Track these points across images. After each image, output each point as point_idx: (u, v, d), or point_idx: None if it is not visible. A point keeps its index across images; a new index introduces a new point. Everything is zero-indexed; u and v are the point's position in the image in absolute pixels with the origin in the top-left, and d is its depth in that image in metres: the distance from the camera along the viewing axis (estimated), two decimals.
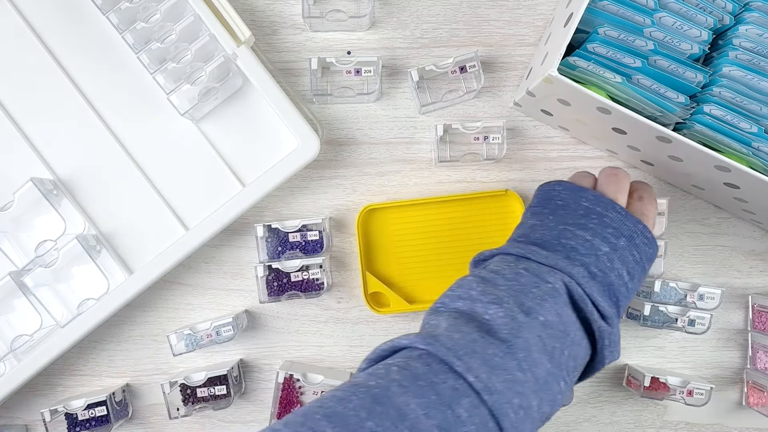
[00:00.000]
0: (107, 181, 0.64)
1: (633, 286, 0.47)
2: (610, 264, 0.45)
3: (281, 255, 0.64)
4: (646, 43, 0.54)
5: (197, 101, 0.61)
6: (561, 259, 0.45)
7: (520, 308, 0.41)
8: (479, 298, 0.42)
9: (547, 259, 0.45)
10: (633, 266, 0.46)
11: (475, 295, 0.42)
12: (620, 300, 0.46)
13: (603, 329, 0.44)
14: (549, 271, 0.44)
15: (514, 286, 0.43)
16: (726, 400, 0.66)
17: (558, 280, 0.43)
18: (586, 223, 0.47)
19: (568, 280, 0.44)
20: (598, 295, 0.44)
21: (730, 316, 0.66)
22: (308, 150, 0.62)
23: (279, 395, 0.62)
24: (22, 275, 0.60)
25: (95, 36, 0.64)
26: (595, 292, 0.44)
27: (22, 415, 0.66)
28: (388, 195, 0.66)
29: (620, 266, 0.46)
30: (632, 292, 0.47)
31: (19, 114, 0.64)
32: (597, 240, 0.46)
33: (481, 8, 0.66)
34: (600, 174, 0.52)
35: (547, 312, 0.41)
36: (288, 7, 0.66)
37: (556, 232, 0.47)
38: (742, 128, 0.53)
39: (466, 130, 0.64)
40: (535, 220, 0.50)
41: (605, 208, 0.47)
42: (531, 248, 0.46)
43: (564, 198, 0.49)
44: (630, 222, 0.47)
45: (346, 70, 0.64)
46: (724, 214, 0.67)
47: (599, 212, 0.47)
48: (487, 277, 0.44)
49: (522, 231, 0.50)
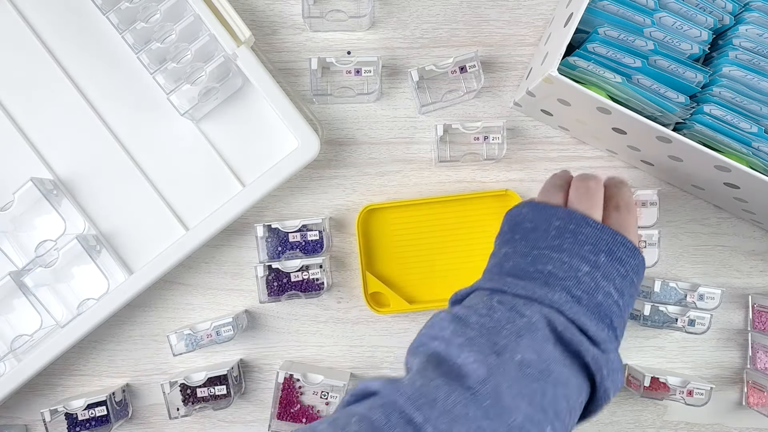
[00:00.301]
0: (107, 181, 0.64)
1: (625, 302, 0.43)
2: (594, 283, 0.41)
3: (281, 255, 0.64)
4: (646, 43, 0.54)
5: (197, 101, 0.61)
6: (539, 287, 0.41)
7: (493, 348, 0.37)
8: (451, 340, 0.39)
9: (524, 290, 0.41)
10: (620, 282, 0.42)
11: (447, 335, 0.39)
12: (614, 320, 0.42)
13: (597, 358, 0.39)
14: (525, 304, 0.40)
15: (487, 323, 0.39)
16: (726, 400, 0.66)
17: (536, 312, 0.40)
18: (561, 244, 0.43)
19: (548, 311, 0.40)
20: (586, 319, 0.40)
21: (730, 316, 0.66)
22: (308, 150, 0.62)
23: (279, 395, 0.62)
24: (22, 275, 0.60)
25: (95, 36, 0.64)
26: (582, 317, 0.40)
27: (22, 415, 0.66)
28: (388, 195, 0.66)
29: (606, 284, 0.41)
30: (626, 309, 0.43)
31: (19, 114, 0.64)
32: (575, 260, 0.42)
33: (481, 8, 0.66)
34: (571, 187, 0.48)
35: (524, 350, 0.38)
36: (288, 7, 0.66)
37: (530, 259, 0.43)
38: (742, 128, 0.53)
39: (466, 130, 0.64)
40: (507, 248, 0.46)
41: (579, 225, 0.43)
42: (505, 280, 0.43)
43: (533, 220, 0.46)
44: (607, 235, 0.43)
45: (346, 70, 0.64)
46: (724, 214, 0.67)
47: (573, 230, 0.43)
48: (459, 314, 0.41)
49: (495, 261, 0.46)
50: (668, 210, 0.66)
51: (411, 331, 0.66)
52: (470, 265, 0.65)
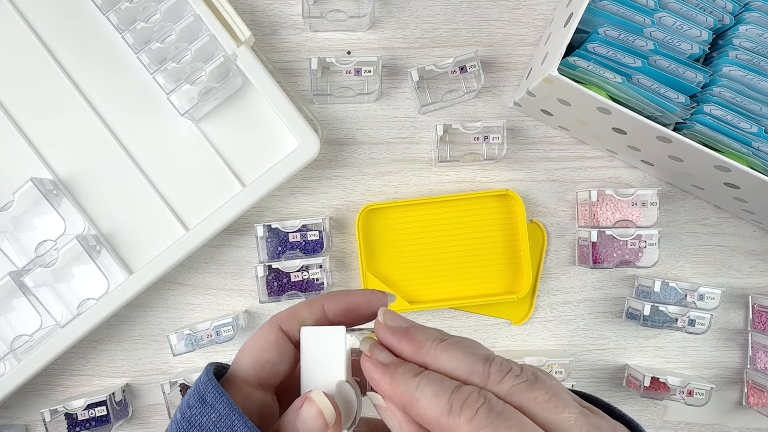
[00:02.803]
0: (107, 181, 0.64)
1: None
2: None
3: (281, 255, 0.64)
4: (646, 43, 0.54)
5: (197, 101, 0.61)
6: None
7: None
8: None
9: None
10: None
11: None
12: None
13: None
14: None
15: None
16: (726, 400, 0.66)
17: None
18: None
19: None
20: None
21: (731, 316, 0.66)
22: (308, 150, 0.62)
23: None
24: (22, 275, 0.60)
25: (95, 36, 0.64)
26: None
27: (22, 415, 0.66)
28: (388, 195, 0.66)
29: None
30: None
31: (19, 114, 0.64)
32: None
33: (481, 8, 0.66)
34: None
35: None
36: (288, 7, 0.66)
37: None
38: (743, 128, 0.53)
39: (466, 130, 0.64)
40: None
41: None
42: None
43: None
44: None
45: (346, 70, 0.64)
46: (724, 214, 0.67)
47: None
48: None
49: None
50: (668, 210, 0.66)
51: None
52: (470, 265, 0.65)
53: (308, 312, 0.31)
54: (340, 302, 0.32)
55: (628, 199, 0.64)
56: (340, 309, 0.32)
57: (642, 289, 0.65)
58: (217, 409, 0.27)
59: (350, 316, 0.32)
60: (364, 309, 0.32)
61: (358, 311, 0.32)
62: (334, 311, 0.32)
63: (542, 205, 0.67)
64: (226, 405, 0.27)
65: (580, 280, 0.66)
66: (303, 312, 0.31)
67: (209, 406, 0.28)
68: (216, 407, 0.27)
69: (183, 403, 0.29)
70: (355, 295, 0.32)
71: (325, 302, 0.32)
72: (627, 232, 0.63)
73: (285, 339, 0.31)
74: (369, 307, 0.32)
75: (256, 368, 0.30)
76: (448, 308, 0.66)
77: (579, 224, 0.66)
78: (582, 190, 0.65)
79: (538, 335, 0.66)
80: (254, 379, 0.30)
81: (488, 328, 0.66)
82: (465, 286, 0.65)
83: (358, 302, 0.32)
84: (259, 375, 0.30)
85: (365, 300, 0.32)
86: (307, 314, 0.31)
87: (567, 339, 0.66)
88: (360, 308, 0.32)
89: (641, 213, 0.64)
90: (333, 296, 0.32)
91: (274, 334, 0.31)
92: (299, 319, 0.31)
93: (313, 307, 0.31)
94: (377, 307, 0.32)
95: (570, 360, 0.62)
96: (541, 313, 0.66)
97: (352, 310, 0.32)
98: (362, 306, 0.32)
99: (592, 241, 0.63)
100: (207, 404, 0.28)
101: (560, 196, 0.67)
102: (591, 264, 0.63)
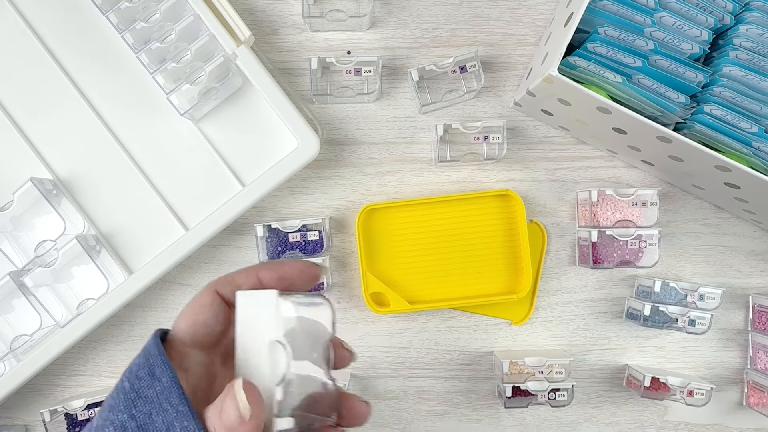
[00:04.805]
0: (107, 181, 0.64)
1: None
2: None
3: (281, 255, 0.64)
4: (646, 43, 0.54)
5: (197, 101, 0.61)
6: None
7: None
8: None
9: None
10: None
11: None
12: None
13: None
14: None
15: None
16: (726, 400, 0.66)
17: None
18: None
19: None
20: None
21: (731, 316, 0.66)
22: (308, 150, 0.61)
23: None
24: (22, 275, 0.60)
25: (95, 36, 0.64)
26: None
27: (22, 415, 0.66)
28: (388, 195, 0.66)
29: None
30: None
31: (19, 114, 0.64)
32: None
33: (481, 8, 0.66)
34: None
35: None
36: (288, 7, 0.66)
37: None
38: (743, 128, 0.53)
39: (466, 130, 0.64)
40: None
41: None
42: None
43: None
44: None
45: (346, 70, 0.64)
46: (724, 214, 0.66)
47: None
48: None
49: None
50: (668, 210, 0.66)
51: (411, 331, 0.66)
52: (470, 265, 0.65)
53: (244, 278, 0.33)
54: (274, 271, 0.33)
55: (629, 199, 0.64)
56: (274, 277, 0.33)
57: (642, 289, 0.65)
58: (162, 381, 0.29)
59: (283, 285, 0.33)
60: (296, 279, 0.34)
61: (291, 281, 0.33)
62: (268, 279, 0.33)
63: (542, 205, 0.67)
64: (170, 379, 0.29)
65: (581, 280, 0.66)
66: (239, 278, 0.33)
67: (156, 379, 0.29)
68: (162, 380, 0.29)
69: (132, 373, 0.30)
70: (288, 265, 0.34)
71: (260, 271, 0.33)
72: (627, 232, 0.63)
73: (220, 301, 0.32)
74: (301, 277, 0.34)
75: (191, 329, 0.32)
76: (448, 308, 0.66)
77: (579, 224, 0.66)
78: (582, 190, 0.65)
79: (538, 335, 0.66)
80: (190, 339, 0.32)
81: (488, 328, 0.66)
82: (465, 286, 0.65)
83: (291, 272, 0.34)
84: (194, 335, 0.32)
85: (297, 270, 0.34)
86: (242, 280, 0.33)
87: (567, 339, 0.66)
88: (293, 278, 0.33)
89: (641, 213, 0.64)
90: (268, 265, 0.34)
91: (209, 297, 0.32)
92: (235, 284, 0.33)
93: (249, 273, 0.33)
94: (309, 277, 0.34)
95: (570, 360, 0.62)
96: (541, 313, 0.66)
97: (285, 279, 0.33)
98: (295, 276, 0.34)
99: (592, 241, 0.63)
100: (155, 377, 0.29)
101: (560, 196, 0.67)
102: (591, 264, 0.63)
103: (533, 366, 0.62)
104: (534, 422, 0.66)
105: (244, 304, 0.31)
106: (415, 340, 0.66)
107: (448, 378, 0.66)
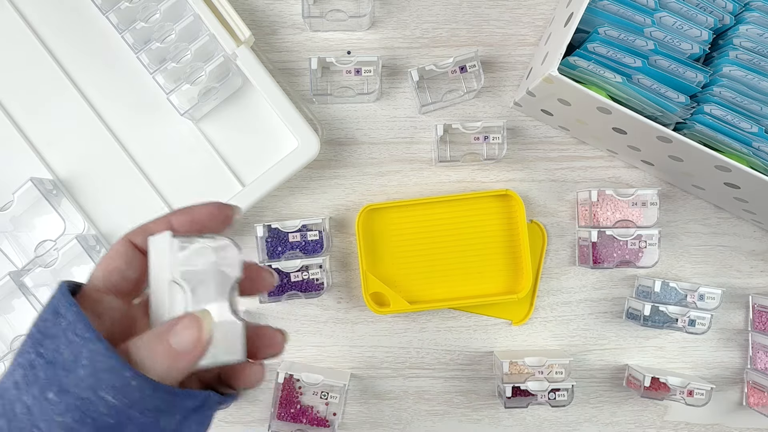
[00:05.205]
0: (107, 181, 0.64)
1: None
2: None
3: (281, 255, 0.64)
4: (646, 43, 0.54)
5: (197, 101, 0.61)
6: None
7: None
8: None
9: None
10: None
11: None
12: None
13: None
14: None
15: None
16: (726, 400, 0.66)
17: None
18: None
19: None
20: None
21: (731, 316, 0.66)
22: (308, 150, 0.61)
23: (279, 395, 0.62)
24: (22, 275, 0.60)
25: (95, 36, 0.64)
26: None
27: None
28: (388, 195, 0.66)
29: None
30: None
31: (19, 114, 0.64)
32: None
33: (481, 8, 0.66)
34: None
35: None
36: (288, 7, 0.66)
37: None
38: (743, 128, 0.53)
39: (466, 130, 0.64)
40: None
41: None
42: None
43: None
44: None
45: (346, 70, 0.64)
46: (724, 214, 0.66)
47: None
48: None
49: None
50: (668, 210, 0.66)
51: (411, 331, 0.66)
52: (470, 266, 0.65)
53: (157, 225, 0.34)
54: (186, 215, 0.34)
55: (628, 199, 0.64)
56: (186, 222, 0.34)
57: (642, 289, 0.65)
58: (67, 317, 0.30)
59: (196, 228, 0.34)
60: (207, 221, 0.34)
61: (202, 223, 0.34)
62: (180, 223, 0.34)
63: (542, 205, 0.67)
64: (75, 313, 0.30)
65: (580, 280, 0.66)
66: (153, 226, 0.34)
67: (61, 317, 0.30)
68: (66, 316, 0.30)
69: (38, 318, 0.31)
70: (199, 209, 0.34)
71: (172, 217, 0.34)
72: (627, 232, 0.63)
73: (133, 249, 0.34)
74: (212, 219, 0.34)
75: (104, 275, 0.33)
76: (449, 308, 0.66)
77: (579, 224, 0.66)
78: (582, 190, 0.65)
79: (538, 335, 0.66)
80: (103, 286, 0.33)
81: (488, 328, 0.66)
82: (465, 286, 0.65)
83: (202, 215, 0.34)
84: (108, 281, 0.33)
85: (208, 213, 0.34)
86: (155, 227, 0.34)
87: (567, 339, 0.66)
88: (204, 221, 0.34)
89: (641, 213, 0.64)
90: (180, 211, 0.34)
91: (123, 246, 0.34)
92: (148, 232, 0.34)
93: (162, 220, 0.34)
94: (222, 219, 0.35)
95: (570, 360, 0.62)
96: (541, 313, 0.66)
97: (197, 222, 0.34)
98: (205, 219, 0.34)
99: (592, 241, 0.63)
100: (60, 315, 0.30)
101: (560, 196, 0.67)
102: (591, 264, 0.63)
103: (533, 366, 0.62)
104: (534, 422, 0.66)
105: (152, 249, 0.33)
106: (415, 340, 0.66)
107: (448, 378, 0.66)
